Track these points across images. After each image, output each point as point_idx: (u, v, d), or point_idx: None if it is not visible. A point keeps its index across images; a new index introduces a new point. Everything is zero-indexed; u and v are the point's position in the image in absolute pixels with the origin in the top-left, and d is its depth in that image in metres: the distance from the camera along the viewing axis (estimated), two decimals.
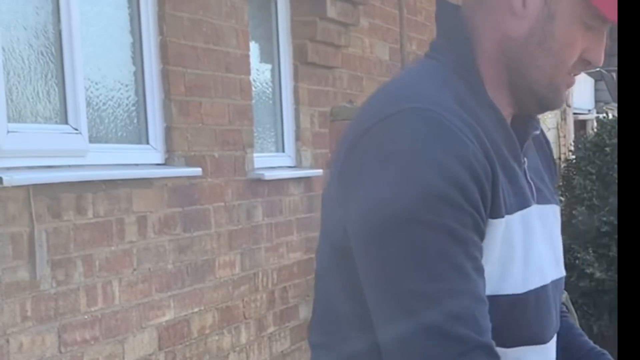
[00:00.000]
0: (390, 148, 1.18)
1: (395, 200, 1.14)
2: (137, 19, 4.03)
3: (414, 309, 1.14)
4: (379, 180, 1.17)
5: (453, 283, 1.14)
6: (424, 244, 1.14)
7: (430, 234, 1.14)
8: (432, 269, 1.14)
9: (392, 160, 1.17)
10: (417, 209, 1.14)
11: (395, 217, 1.14)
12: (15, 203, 3.16)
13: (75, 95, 3.56)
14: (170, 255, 4.04)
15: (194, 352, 4.23)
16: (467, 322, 1.14)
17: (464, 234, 1.16)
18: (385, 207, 1.15)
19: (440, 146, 1.17)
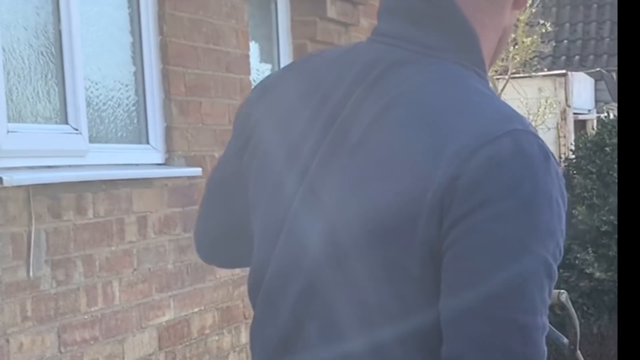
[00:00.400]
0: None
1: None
2: (137, 19, 4.03)
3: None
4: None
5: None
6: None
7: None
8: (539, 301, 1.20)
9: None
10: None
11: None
12: (15, 203, 3.16)
13: (75, 95, 3.56)
14: (171, 256, 4.04)
15: (194, 352, 4.23)
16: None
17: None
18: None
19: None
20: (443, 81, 1.31)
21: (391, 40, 1.36)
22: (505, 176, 1.19)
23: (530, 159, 1.21)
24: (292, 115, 1.39)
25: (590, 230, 5.18)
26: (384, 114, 1.29)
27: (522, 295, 1.18)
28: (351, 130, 1.31)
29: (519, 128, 1.23)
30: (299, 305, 1.33)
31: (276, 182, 1.38)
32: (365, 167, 1.28)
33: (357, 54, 1.40)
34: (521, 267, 1.17)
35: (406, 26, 1.36)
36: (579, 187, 5.85)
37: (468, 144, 1.20)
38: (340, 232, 1.28)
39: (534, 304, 1.18)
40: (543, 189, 1.20)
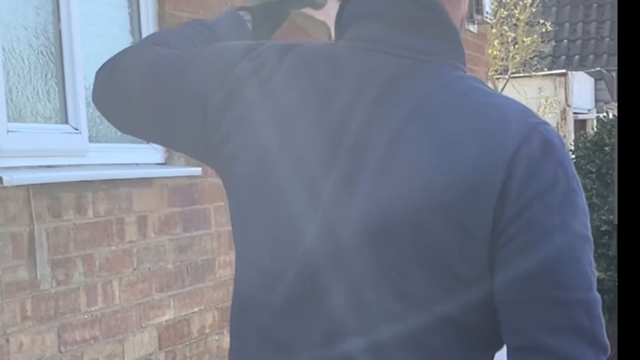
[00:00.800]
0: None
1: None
2: (137, 19, 4.03)
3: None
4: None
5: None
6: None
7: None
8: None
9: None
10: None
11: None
12: (15, 203, 3.16)
13: (75, 94, 3.56)
14: (171, 255, 4.04)
15: (194, 351, 4.23)
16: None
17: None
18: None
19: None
20: (450, 88, 1.31)
21: (382, 46, 1.34)
22: (545, 171, 1.26)
23: (556, 148, 1.30)
24: (293, 115, 1.36)
25: None
26: (404, 132, 1.29)
27: (581, 276, 1.27)
28: (369, 148, 1.30)
29: (536, 121, 1.32)
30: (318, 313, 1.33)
31: (282, 195, 1.35)
32: (399, 186, 1.28)
33: (346, 60, 1.36)
34: (574, 250, 1.27)
35: (395, 31, 1.34)
36: None
37: (507, 147, 1.26)
38: (379, 224, 1.28)
39: (589, 279, 1.28)
40: (572, 173, 1.30)
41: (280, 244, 1.36)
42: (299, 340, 1.35)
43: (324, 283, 1.32)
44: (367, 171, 1.29)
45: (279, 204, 1.35)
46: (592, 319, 1.26)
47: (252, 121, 1.39)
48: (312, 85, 1.36)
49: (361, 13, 1.38)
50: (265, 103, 1.39)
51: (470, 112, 1.29)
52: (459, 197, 1.25)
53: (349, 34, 1.39)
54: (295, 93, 1.37)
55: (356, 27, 1.38)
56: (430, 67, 1.33)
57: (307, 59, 1.39)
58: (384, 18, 1.36)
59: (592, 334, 1.26)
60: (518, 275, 1.26)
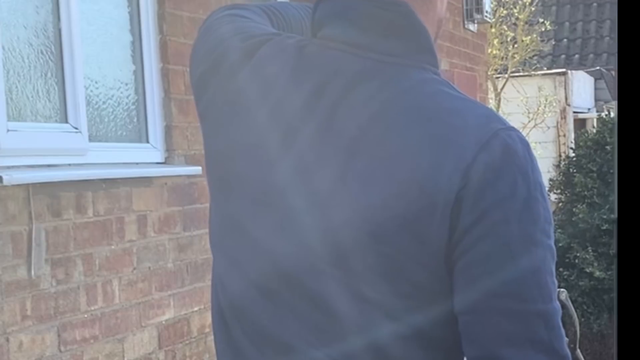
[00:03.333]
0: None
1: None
2: (136, 18, 4.03)
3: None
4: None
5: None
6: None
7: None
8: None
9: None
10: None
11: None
12: (15, 202, 3.16)
13: (75, 94, 3.56)
14: (170, 254, 4.04)
15: (194, 350, 4.23)
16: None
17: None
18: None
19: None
20: (412, 93, 1.30)
21: (347, 47, 1.33)
22: (504, 179, 1.24)
23: (518, 156, 1.26)
24: (252, 108, 1.36)
25: (590, 228, 5.18)
26: (362, 139, 1.27)
27: (539, 286, 1.24)
28: (328, 154, 1.29)
29: (500, 127, 1.28)
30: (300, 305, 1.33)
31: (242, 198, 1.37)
32: (359, 195, 1.27)
33: (312, 58, 1.35)
34: (534, 260, 1.24)
35: (362, 32, 1.34)
36: (579, 185, 5.85)
37: (464, 156, 1.24)
38: (341, 232, 1.28)
39: (549, 290, 1.25)
40: (534, 181, 1.26)
41: (254, 253, 1.37)
42: (293, 340, 1.35)
43: (299, 291, 1.32)
44: (325, 178, 1.29)
45: (242, 209, 1.36)
46: (551, 330, 1.24)
47: (220, 106, 1.41)
48: (273, 80, 1.36)
49: (331, 13, 1.38)
50: (234, 88, 1.40)
51: (430, 119, 1.27)
52: (415, 208, 1.24)
53: (320, 33, 1.39)
54: (257, 85, 1.37)
55: (326, 26, 1.38)
56: (395, 69, 1.32)
57: (278, 53, 1.39)
58: (351, 19, 1.35)
59: (550, 346, 1.24)
60: (475, 286, 1.24)
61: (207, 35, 1.52)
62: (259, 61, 1.38)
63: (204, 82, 1.45)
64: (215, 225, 1.47)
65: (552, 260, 1.27)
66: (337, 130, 1.30)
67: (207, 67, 1.45)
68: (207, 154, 1.48)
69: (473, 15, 7.98)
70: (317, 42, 1.38)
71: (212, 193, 1.49)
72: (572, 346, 3.57)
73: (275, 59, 1.38)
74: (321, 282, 1.31)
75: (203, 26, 1.57)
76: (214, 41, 1.49)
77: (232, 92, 1.40)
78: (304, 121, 1.31)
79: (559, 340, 1.25)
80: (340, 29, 1.36)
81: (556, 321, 1.26)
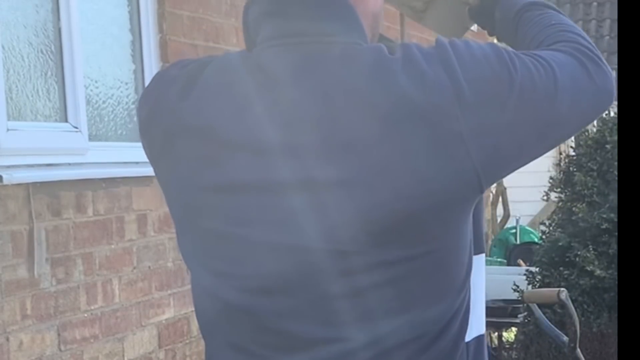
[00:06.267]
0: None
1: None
2: (136, 17, 4.03)
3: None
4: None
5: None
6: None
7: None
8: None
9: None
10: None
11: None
12: (15, 201, 3.16)
13: (75, 93, 3.56)
14: (170, 254, 4.04)
15: (193, 350, 4.23)
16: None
17: None
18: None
19: None
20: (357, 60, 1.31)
21: (290, 39, 1.34)
22: (432, 77, 1.29)
23: (419, 61, 1.30)
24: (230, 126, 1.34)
25: (590, 227, 5.17)
26: (331, 114, 1.28)
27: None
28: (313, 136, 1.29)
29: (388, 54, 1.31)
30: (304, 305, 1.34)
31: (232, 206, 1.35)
32: (358, 170, 1.28)
33: (267, 64, 1.35)
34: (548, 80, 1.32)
35: (300, 21, 1.35)
36: (579, 184, 5.85)
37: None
38: (343, 231, 1.29)
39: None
40: (458, 54, 1.30)
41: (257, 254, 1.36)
42: (300, 334, 1.35)
43: (302, 288, 1.33)
44: (313, 166, 1.29)
45: (233, 214, 1.35)
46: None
47: (185, 137, 1.38)
48: (229, 98, 1.35)
49: (261, 15, 1.40)
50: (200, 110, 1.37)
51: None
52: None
53: (259, 38, 1.39)
54: (215, 109, 1.35)
55: (261, 29, 1.39)
56: (337, 47, 1.32)
57: (221, 74, 1.38)
58: (280, 13, 1.37)
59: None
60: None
61: (152, 78, 1.50)
62: (201, 85, 1.37)
63: (148, 110, 1.43)
64: (189, 242, 1.44)
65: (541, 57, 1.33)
66: (303, 125, 1.30)
67: (153, 101, 1.43)
68: (162, 183, 1.47)
69: None
70: (258, 48, 1.38)
71: (178, 217, 1.46)
72: (572, 345, 3.57)
73: (218, 79, 1.37)
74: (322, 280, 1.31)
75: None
76: (156, 77, 1.47)
77: (177, 118, 1.38)
78: (283, 124, 1.31)
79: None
80: (270, 27, 1.37)
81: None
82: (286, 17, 1.36)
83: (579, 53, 1.38)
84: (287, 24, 1.35)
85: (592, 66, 1.37)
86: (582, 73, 1.35)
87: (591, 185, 5.89)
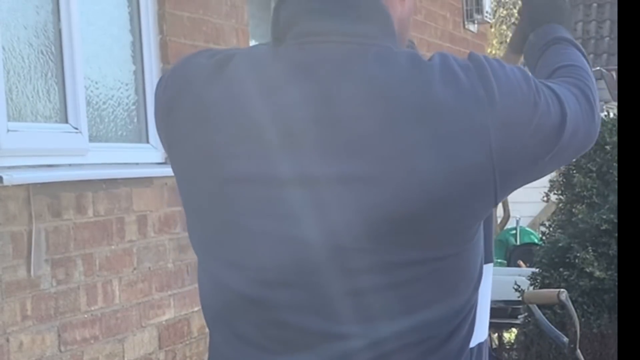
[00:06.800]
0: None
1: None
2: (137, 18, 4.03)
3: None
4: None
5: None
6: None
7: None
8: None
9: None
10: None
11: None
12: (15, 202, 3.16)
13: (75, 94, 3.56)
14: (171, 255, 4.04)
15: (194, 351, 4.23)
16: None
17: None
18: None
19: None
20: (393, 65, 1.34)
21: (329, 37, 1.36)
22: (466, 85, 1.36)
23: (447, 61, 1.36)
24: (250, 118, 1.35)
25: (590, 229, 5.17)
26: (364, 118, 1.30)
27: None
28: (341, 132, 1.31)
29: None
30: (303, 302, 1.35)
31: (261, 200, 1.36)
32: (374, 164, 1.30)
33: (294, 58, 1.36)
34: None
35: (341, 21, 1.37)
36: (578, 185, 5.85)
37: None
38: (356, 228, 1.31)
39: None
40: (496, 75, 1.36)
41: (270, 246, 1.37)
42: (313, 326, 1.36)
43: (311, 281, 1.34)
44: (335, 162, 1.30)
45: (259, 207, 1.35)
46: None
47: (209, 124, 1.38)
48: (260, 88, 1.36)
49: (300, 11, 1.40)
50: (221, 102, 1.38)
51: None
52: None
53: (291, 33, 1.39)
54: (245, 98, 1.36)
55: (297, 25, 1.39)
56: (374, 49, 1.35)
57: (251, 64, 1.39)
58: (322, 11, 1.38)
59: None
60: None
61: (176, 65, 1.50)
62: (230, 74, 1.38)
63: (173, 96, 1.43)
64: (201, 231, 1.45)
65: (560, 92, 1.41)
66: (335, 118, 1.31)
67: (181, 85, 1.43)
68: (178, 171, 1.46)
69: (473, 15, 7.98)
70: (291, 42, 1.38)
71: (192, 205, 1.46)
72: (573, 346, 3.57)
73: (248, 70, 1.38)
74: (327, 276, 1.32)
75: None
76: (181, 64, 1.47)
77: (204, 105, 1.38)
78: (304, 117, 1.32)
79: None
80: (309, 23, 1.38)
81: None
82: (328, 15, 1.37)
83: (583, 95, 1.48)
84: (327, 22, 1.37)
85: (589, 108, 1.48)
86: (582, 111, 1.46)
87: (591, 186, 5.89)
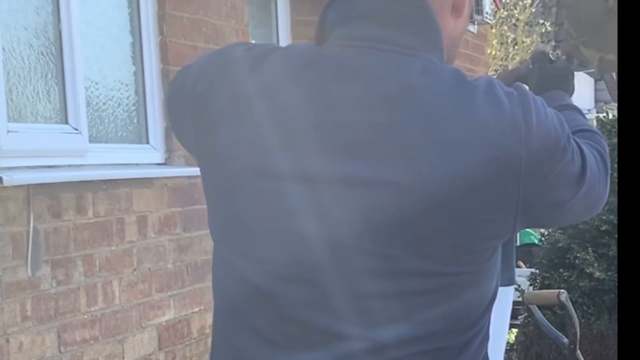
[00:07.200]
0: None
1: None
2: (137, 19, 4.03)
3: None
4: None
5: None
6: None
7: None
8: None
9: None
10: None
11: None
12: (15, 203, 3.16)
13: (75, 95, 3.56)
14: (171, 255, 4.04)
15: (194, 351, 4.23)
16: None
17: None
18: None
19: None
20: (440, 79, 1.35)
21: (375, 44, 1.37)
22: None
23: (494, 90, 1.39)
24: (287, 113, 1.36)
25: (590, 229, 5.17)
26: (400, 126, 1.31)
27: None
28: (367, 142, 1.32)
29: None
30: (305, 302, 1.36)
31: (281, 193, 1.37)
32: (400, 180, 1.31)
33: (337, 59, 1.37)
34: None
35: (391, 30, 1.37)
36: None
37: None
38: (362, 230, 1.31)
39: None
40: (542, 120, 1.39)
41: (286, 239, 1.37)
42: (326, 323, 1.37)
43: (316, 278, 1.35)
44: (366, 165, 1.31)
45: (279, 202, 1.36)
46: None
47: (242, 116, 1.39)
48: (300, 85, 1.36)
49: (348, 14, 1.40)
50: (254, 99, 1.39)
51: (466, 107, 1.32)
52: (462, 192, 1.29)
53: (335, 34, 1.40)
54: (283, 93, 1.37)
55: (343, 27, 1.39)
56: (419, 61, 1.36)
57: (291, 60, 1.40)
58: (371, 17, 1.38)
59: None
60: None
61: (211, 54, 1.50)
62: (269, 68, 1.39)
63: (208, 84, 1.44)
64: (221, 220, 1.47)
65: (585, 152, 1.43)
66: (372, 122, 1.32)
67: (215, 76, 1.44)
68: (205, 157, 1.47)
69: (473, 16, 7.98)
70: (334, 44, 1.39)
71: (215, 192, 1.47)
72: (573, 347, 3.57)
73: (288, 65, 1.39)
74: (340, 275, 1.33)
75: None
76: (218, 53, 1.48)
77: (240, 96, 1.39)
78: (344, 117, 1.33)
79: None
80: (359, 27, 1.38)
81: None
82: (378, 22, 1.38)
83: (602, 159, 1.51)
84: (376, 29, 1.37)
85: (605, 172, 1.51)
86: (599, 173, 1.48)
87: None
